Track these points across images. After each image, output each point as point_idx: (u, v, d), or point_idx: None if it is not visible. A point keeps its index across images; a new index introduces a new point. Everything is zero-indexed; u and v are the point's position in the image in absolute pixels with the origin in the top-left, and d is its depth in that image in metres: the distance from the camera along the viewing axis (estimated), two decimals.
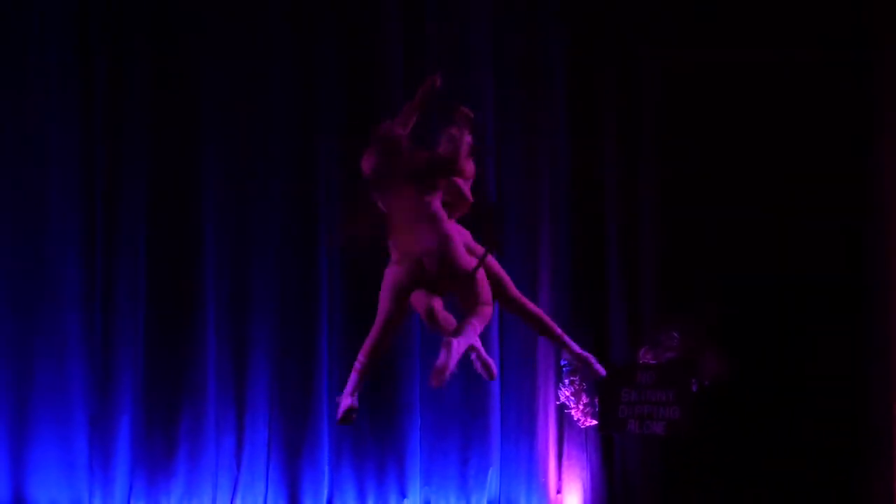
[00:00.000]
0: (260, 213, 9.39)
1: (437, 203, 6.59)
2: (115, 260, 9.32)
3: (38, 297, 9.23)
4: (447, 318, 6.67)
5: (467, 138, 6.68)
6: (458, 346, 6.46)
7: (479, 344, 6.84)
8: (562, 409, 9.40)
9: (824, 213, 9.26)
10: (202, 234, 9.36)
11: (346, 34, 9.52)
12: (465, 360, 9.08)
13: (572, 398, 9.26)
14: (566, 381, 9.29)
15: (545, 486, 9.45)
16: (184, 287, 9.33)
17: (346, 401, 6.66)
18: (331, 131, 9.39)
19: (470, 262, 6.61)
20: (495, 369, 7.06)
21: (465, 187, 6.75)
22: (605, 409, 8.91)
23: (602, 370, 7.04)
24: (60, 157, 9.29)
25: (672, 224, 9.44)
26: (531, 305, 6.96)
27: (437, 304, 6.66)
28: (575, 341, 9.30)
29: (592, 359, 6.98)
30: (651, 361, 9.02)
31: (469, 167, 6.76)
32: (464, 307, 6.65)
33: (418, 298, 6.66)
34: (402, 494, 9.34)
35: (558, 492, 9.47)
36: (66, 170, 9.30)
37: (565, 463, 9.48)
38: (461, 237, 6.68)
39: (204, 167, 9.39)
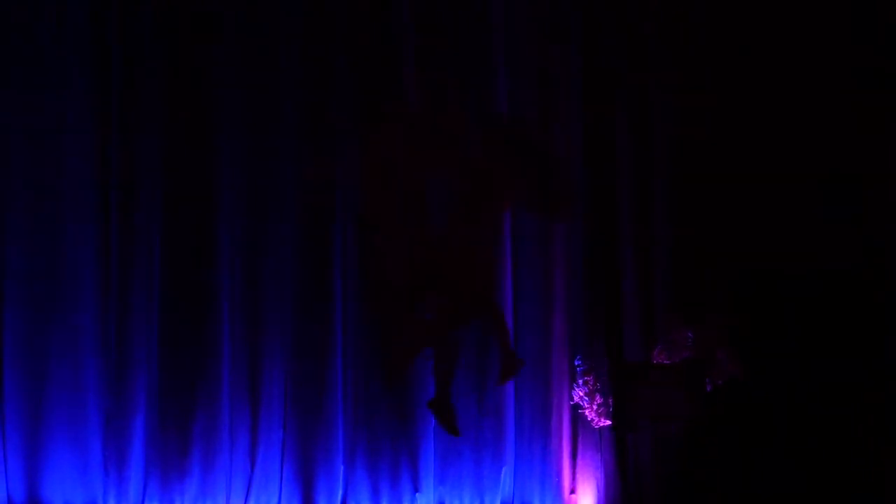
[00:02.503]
0: (274, 211, 9.39)
1: None
2: (130, 260, 9.31)
3: (53, 297, 9.22)
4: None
5: None
6: None
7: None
8: (576, 409, 9.40)
9: (842, 207, 9.26)
10: (217, 233, 9.35)
11: (357, 36, 9.54)
12: (475, 359, 9.02)
13: (586, 398, 9.26)
14: (580, 381, 9.29)
15: (559, 485, 9.44)
16: (198, 286, 9.32)
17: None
18: (345, 127, 9.38)
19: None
20: None
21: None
22: (619, 409, 8.90)
23: None
24: (75, 156, 9.28)
25: (686, 223, 9.44)
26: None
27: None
28: (590, 341, 9.37)
29: None
30: (665, 361, 9.02)
31: None
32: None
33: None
34: (416, 491, 9.34)
35: (572, 492, 9.47)
36: (81, 168, 9.28)
37: (579, 463, 9.47)
38: None
39: (218, 166, 9.39)
